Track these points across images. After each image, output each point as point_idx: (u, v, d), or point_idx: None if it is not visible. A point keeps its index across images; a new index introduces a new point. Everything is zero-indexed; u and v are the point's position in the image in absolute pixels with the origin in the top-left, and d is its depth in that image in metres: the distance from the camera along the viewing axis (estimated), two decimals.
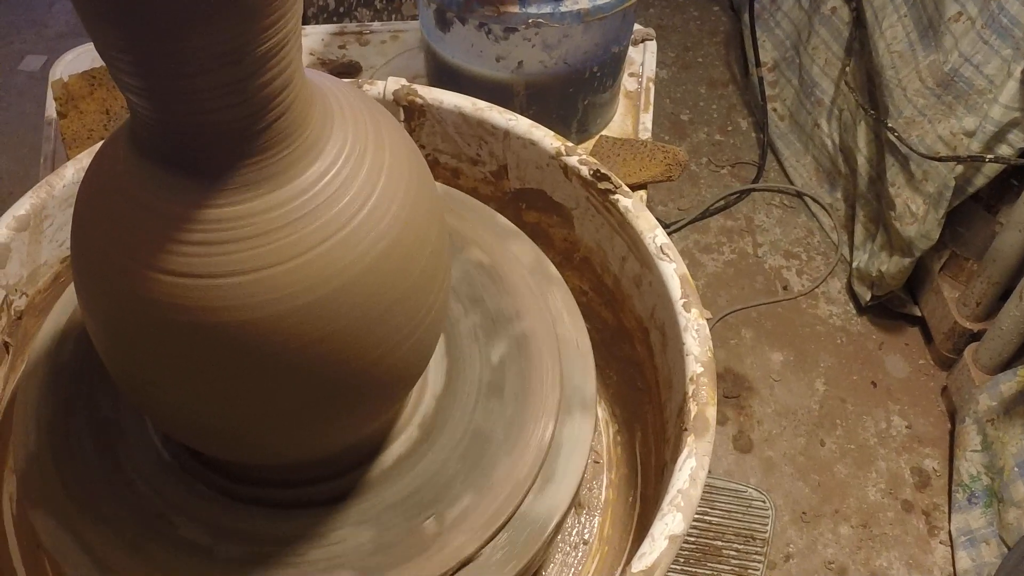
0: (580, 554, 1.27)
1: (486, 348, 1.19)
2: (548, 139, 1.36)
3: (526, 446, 1.11)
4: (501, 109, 1.39)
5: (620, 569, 1.23)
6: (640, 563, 0.97)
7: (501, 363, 1.18)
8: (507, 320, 1.21)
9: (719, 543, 2.27)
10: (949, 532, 2.50)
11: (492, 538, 1.06)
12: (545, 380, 1.17)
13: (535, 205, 1.44)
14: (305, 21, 2.49)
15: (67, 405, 1.11)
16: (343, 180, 0.83)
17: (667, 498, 1.02)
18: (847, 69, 3.08)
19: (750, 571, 2.24)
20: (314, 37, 2.02)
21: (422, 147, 1.45)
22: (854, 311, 3.02)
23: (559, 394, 1.16)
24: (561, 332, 1.24)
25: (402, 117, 1.43)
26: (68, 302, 1.20)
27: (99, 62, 1.63)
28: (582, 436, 1.17)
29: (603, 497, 1.32)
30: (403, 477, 1.09)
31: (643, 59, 1.98)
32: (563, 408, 1.18)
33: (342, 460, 1.08)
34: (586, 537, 1.28)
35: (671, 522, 1.00)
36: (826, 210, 3.23)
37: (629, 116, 1.89)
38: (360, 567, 1.01)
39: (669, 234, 2.89)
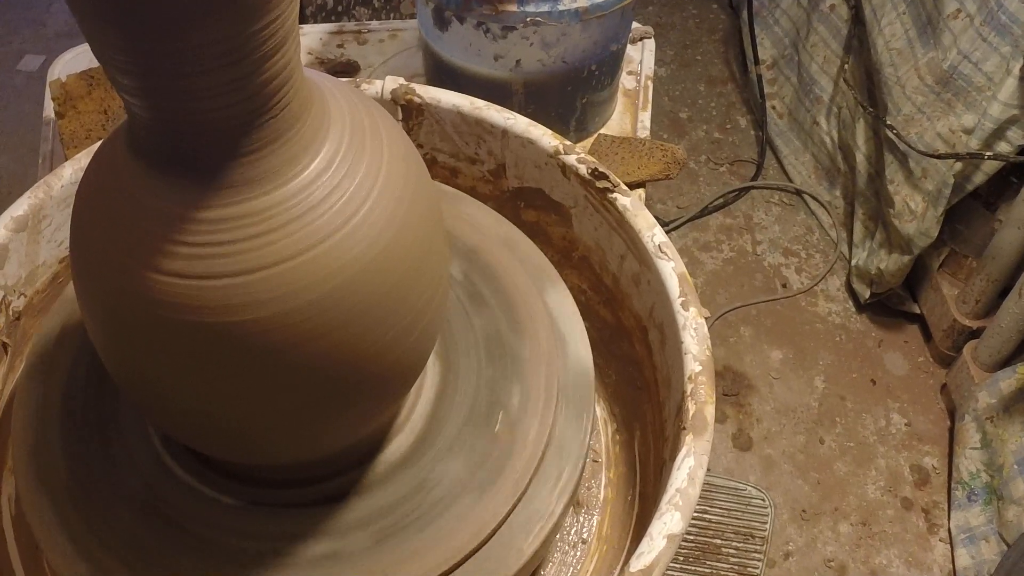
0: (579, 553, 1.27)
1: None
2: (546, 138, 1.36)
3: (534, 325, 1.20)
4: (499, 108, 1.39)
5: (619, 568, 1.23)
6: (638, 562, 0.97)
7: (466, 276, 1.25)
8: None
9: (718, 541, 2.27)
10: (948, 530, 2.50)
11: (556, 409, 1.14)
12: (511, 273, 1.26)
13: (533, 204, 1.43)
14: (303, 20, 2.49)
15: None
16: (342, 177, 0.83)
17: (665, 497, 1.02)
18: (846, 67, 3.08)
19: (749, 569, 2.24)
20: (312, 36, 2.02)
21: (420, 146, 1.45)
22: (853, 309, 3.02)
23: (528, 278, 1.25)
24: (493, 234, 1.32)
25: (400, 116, 1.43)
26: (67, 302, 1.20)
27: (97, 62, 1.63)
28: (565, 301, 1.27)
29: (602, 496, 1.32)
30: (455, 401, 1.14)
31: (641, 57, 1.98)
32: (538, 286, 1.26)
33: (351, 453, 1.08)
34: (584, 536, 1.28)
35: (669, 521, 1.00)
36: (825, 208, 3.23)
37: (627, 114, 1.89)
38: (472, 490, 1.07)
39: (668, 232, 2.90)
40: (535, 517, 1.08)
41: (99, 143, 0.91)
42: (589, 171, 1.31)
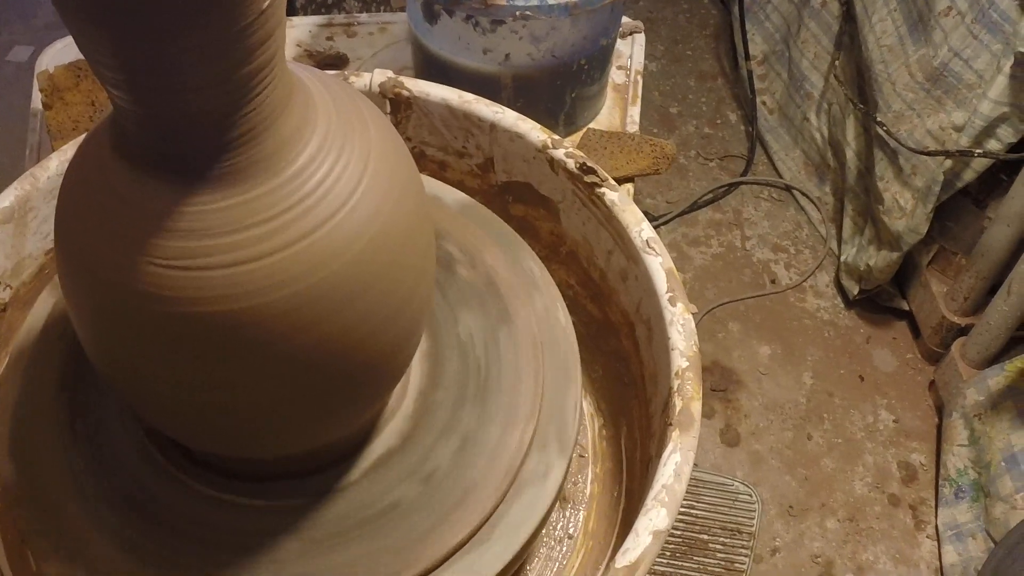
0: (565, 548, 1.27)
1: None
2: (535, 132, 1.35)
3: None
4: (488, 102, 1.39)
5: (604, 564, 1.22)
6: (624, 559, 0.97)
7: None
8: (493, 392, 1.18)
9: (705, 536, 2.27)
10: (936, 526, 2.50)
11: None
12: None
13: (521, 198, 1.43)
14: (293, 12, 2.49)
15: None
16: (328, 169, 0.83)
17: (651, 493, 1.02)
18: (836, 63, 3.08)
19: (736, 565, 2.24)
20: (302, 28, 2.02)
21: (408, 140, 1.45)
22: (842, 305, 3.02)
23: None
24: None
25: (388, 109, 1.42)
26: (53, 294, 1.20)
27: None
28: (530, 513, 1.11)
29: (588, 491, 1.32)
30: (359, 490, 1.09)
31: (631, 52, 1.98)
32: (516, 489, 1.12)
33: (339, 447, 1.08)
34: (571, 531, 1.28)
35: (655, 517, 1.00)
36: (815, 204, 3.23)
37: (617, 109, 1.89)
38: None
39: (657, 227, 2.90)
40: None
41: (85, 135, 0.90)
42: (577, 165, 1.31)
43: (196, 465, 1.07)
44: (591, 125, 1.84)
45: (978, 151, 2.38)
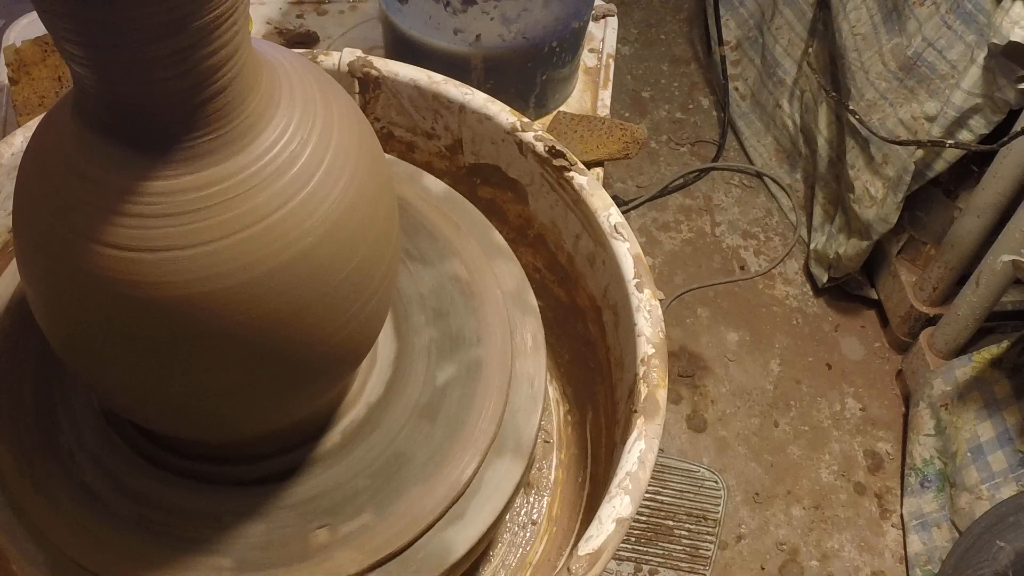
0: (528, 534, 1.26)
1: (434, 368, 1.15)
2: (504, 114, 1.35)
3: (443, 479, 1.08)
4: (457, 83, 1.38)
5: (568, 551, 1.22)
6: (587, 546, 0.97)
7: (445, 386, 1.14)
8: (465, 343, 1.17)
9: (671, 523, 2.28)
10: (901, 515, 2.51)
11: (379, 564, 1.03)
12: (484, 415, 1.12)
13: (490, 180, 1.42)
14: None
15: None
16: (291, 152, 0.82)
17: (615, 480, 1.02)
18: (810, 50, 3.08)
19: (701, 551, 2.25)
20: (272, 6, 2.00)
21: (377, 120, 1.44)
22: (811, 292, 3.02)
23: (494, 432, 1.12)
24: (519, 367, 1.19)
25: (357, 89, 1.41)
26: (15, 273, 1.18)
27: None
28: (506, 481, 1.11)
29: (552, 477, 1.32)
30: (312, 478, 1.07)
31: (604, 35, 1.97)
32: (494, 448, 1.12)
33: (288, 437, 1.06)
34: (535, 517, 1.28)
35: (619, 505, 1.00)
36: (785, 191, 3.23)
37: (588, 92, 1.89)
38: (239, 558, 1.00)
39: (627, 212, 2.90)
40: (430, 555, 1.05)
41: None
42: (546, 149, 1.30)
43: (158, 447, 1.06)
44: (562, 108, 1.84)
45: (950, 141, 2.37)
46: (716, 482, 2.35)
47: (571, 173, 1.29)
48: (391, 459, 1.08)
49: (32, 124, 1.31)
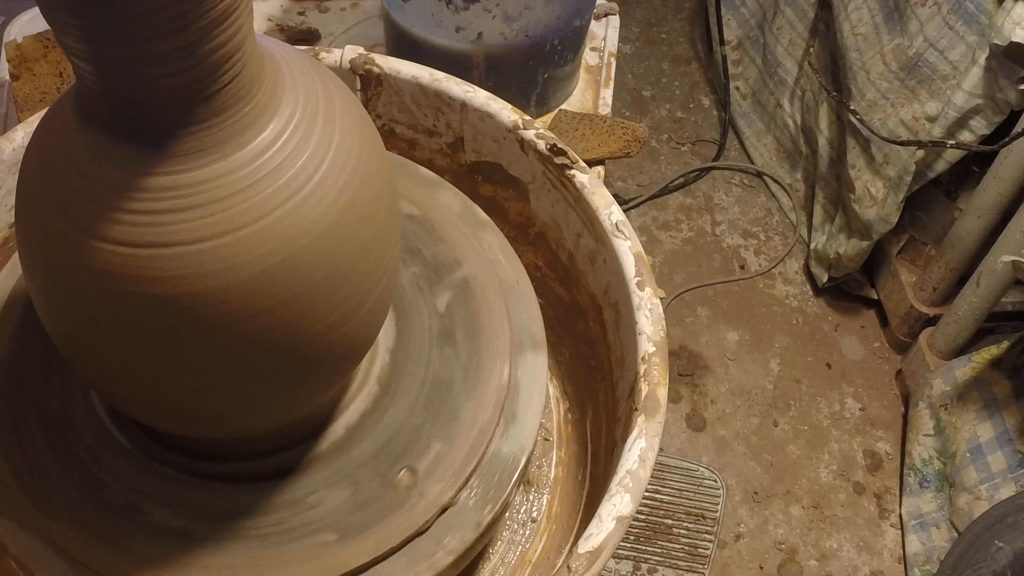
0: (528, 532, 1.26)
1: (431, 297, 1.19)
2: (505, 112, 1.34)
3: (487, 388, 1.13)
4: (459, 80, 1.38)
5: (568, 548, 1.22)
6: (587, 544, 0.97)
7: (448, 310, 1.18)
8: (447, 267, 1.21)
9: (669, 521, 2.28)
10: (900, 515, 2.51)
11: (466, 483, 1.07)
12: (494, 322, 1.18)
13: (491, 178, 1.42)
14: None
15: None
16: (293, 147, 0.82)
17: (616, 479, 1.02)
18: (811, 50, 3.08)
19: (700, 550, 2.24)
20: (273, 3, 2.00)
21: (378, 117, 1.44)
22: (811, 292, 3.02)
23: (509, 335, 1.17)
24: (501, 274, 1.24)
25: (359, 86, 1.41)
26: (15, 269, 1.18)
27: None
28: (538, 374, 1.18)
29: (552, 475, 1.32)
30: (371, 433, 1.09)
31: (605, 34, 1.97)
32: (516, 348, 1.18)
33: (302, 427, 1.07)
34: (534, 515, 1.27)
35: (619, 503, 0.99)
36: (786, 190, 3.23)
37: (589, 91, 1.89)
38: (341, 527, 1.02)
39: (627, 210, 2.90)
40: (505, 460, 1.09)
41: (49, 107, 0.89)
42: (548, 147, 1.30)
43: (156, 442, 1.06)
44: (563, 106, 1.84)
45: (951, 142, 2.37)
46: (715, 481, 2.34)
47: (572, 171, 1.29)
48: (433, 387, 1.13)
49: (33, 120, 1.31)
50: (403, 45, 1.73)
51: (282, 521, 1.02)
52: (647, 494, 2.25)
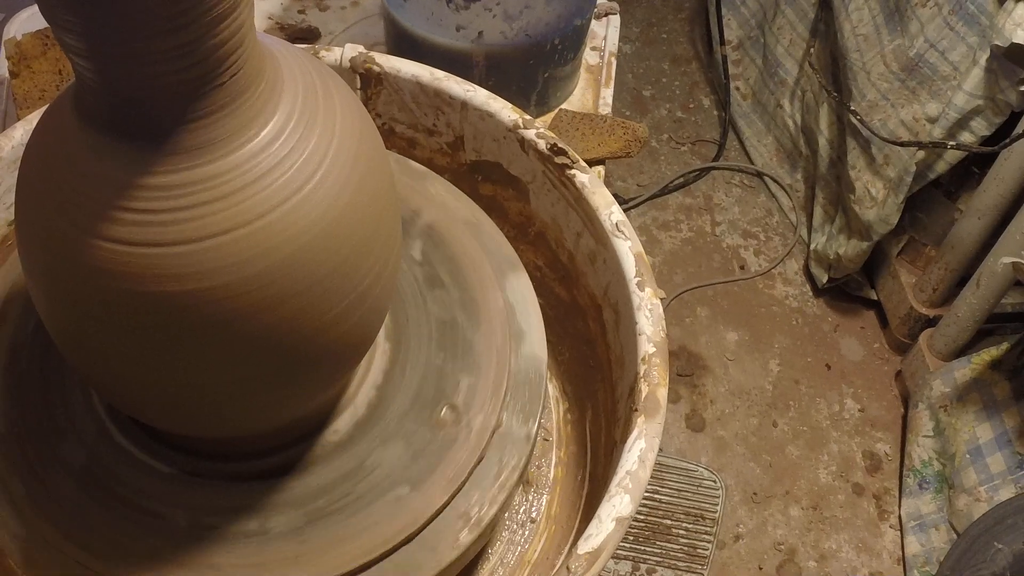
0: (527, 532, 1.26)
1: (405, 249, 1.21)
2: (506, 111, 1.34)
3: (489, 316, 1.18)
4: (459, 80, 1.38)
5: (567, 549, 1.22)
6: (586, 544, 0.97)
7: (425, 256, 1.22)
8: (408, 219, 1.24)
9: (668, 522, 2.27)
10: (899, 516, 2.51)
11: (503, 404, 1.12)
12: (471, 257, 1.23)
13: (491, 178, 1.42)
14: None
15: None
16: (294, 145, 0.82)
17: (615, 479, 1.01)
18: (811, 50, 3.08)
19: (699, 550, 2.24)
20: (273, 1, 2.00)
21: (378, 116, 1.44)
22: (810, 293, 3.02)
23: (488, 264, 1.23)
24: (458, 215, 1.28)
25: (359, 85, 1.41)
26: (14, 267, 1.18)
27: None
28: (525, 292, 1.24)
29: (552, 475, 1.31)
30: (400, 386, 1.12)
31: (606, 33, 1.97)
32: (498, 271, 1.24)
33: (309, 421, 1.07)
34: (534, 515, 1.27)
35: (619, 504, 0.99)
36: (786, 191, 3.23)
37: (590, 90, 1.88)
38: (409, 479, 1.05)
39: (627, 210, 2.90)
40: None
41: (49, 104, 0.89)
42: (548, 146, 1.30)
43: (154, 441, 1.05)
44: (563, 106, 1.83)
45: (951, 143, 2.37)
46: (714, 482, 2.34)
47: (572, 171, 1.29)
48: (440, 329, 1.17)
49: (33, 118, 1.31)
50: (403, 44, 1.72)
51: (348, 492, 1.04)
52: (646, 494, 2.25)
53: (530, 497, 1.29)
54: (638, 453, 1.03)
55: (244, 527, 1.00)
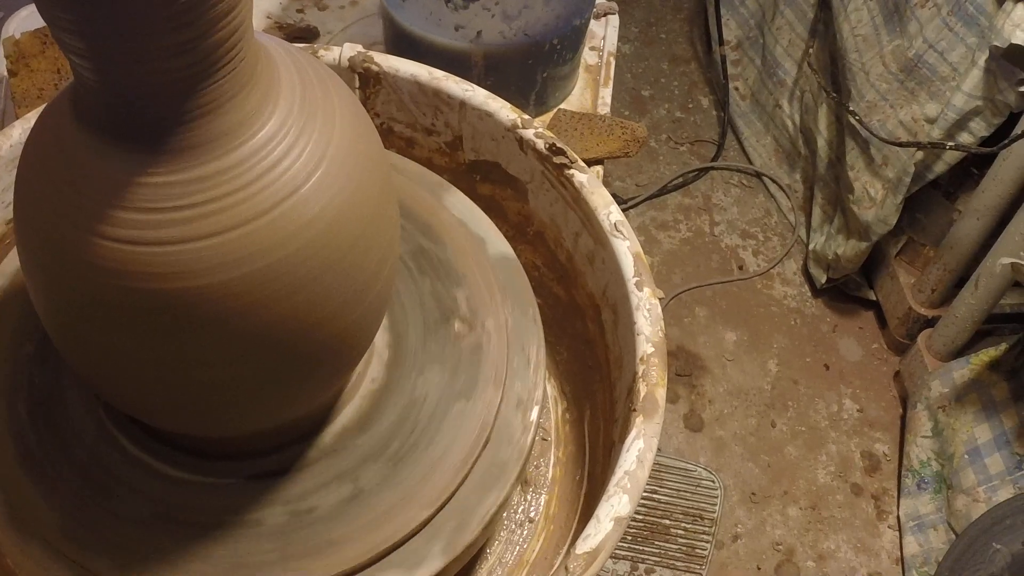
0: (525, 532, 1.26)
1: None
2: (504, 111, 1.34)
3: (449, 232, 1.24)
4: (458, 79, 1.38)
5: (565, 549, 1.22)
6: (585, 544, 0.97)
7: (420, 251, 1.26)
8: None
9: (667, 522, 2.28)
10: (897, 517, 2.51)
11: (503, 301, 1.19)
12: (408, 190, 1.27)
13: (489, 177, 1.42)
14: None
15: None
16: (292, 144, 0.82)
17: (614, 479, 1.01)
18: (810, 51, 3.08)
19: (698, 550, 2.24)
20: (272, 0, 2.00)
21: (377, 115, 1.44)
22: (809, 293, 3.02)
23: (424, 190, 1.29)
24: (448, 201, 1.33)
25: (357, 84, 1.41)
26: (12, 266, 1.18)
27: None
28: (466, 204, 1.31)
29: (550, 475, 1.31)
30: (406, 323, 1.16)
31: (605, 33, 1.97)
32: (436, 197, 1.31)
33: (299, 426, 1.07)
34: (532, 515, 1.27)
35: (617, 504, 0.99)
36: (784, 191, 3.23)
37: (589, 90, 1.88)
38: (458, 393, 1.11)
39: (626, 210, 2.90)
40: (522, 396, 1.15)
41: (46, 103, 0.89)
42: (547, 146, 1.30)
43: (156, 441, 1.05)
44: (562, 106, 1.83)
45: (950, 143, 2.37)
46: (713, 481, 2.34)
47: (571, 171, 1.29)
48: (416, 258, 1.21)
49: (31, 116, 1.31)
50: (402, 43, 1.72)
51: (413, 427, 1.09)
52: (645, 494, 2.25)
53: (528, 497, 1.29)
54: (636, 453, 1.03)
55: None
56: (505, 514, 1.26)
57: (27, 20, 1.82)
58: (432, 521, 1.04)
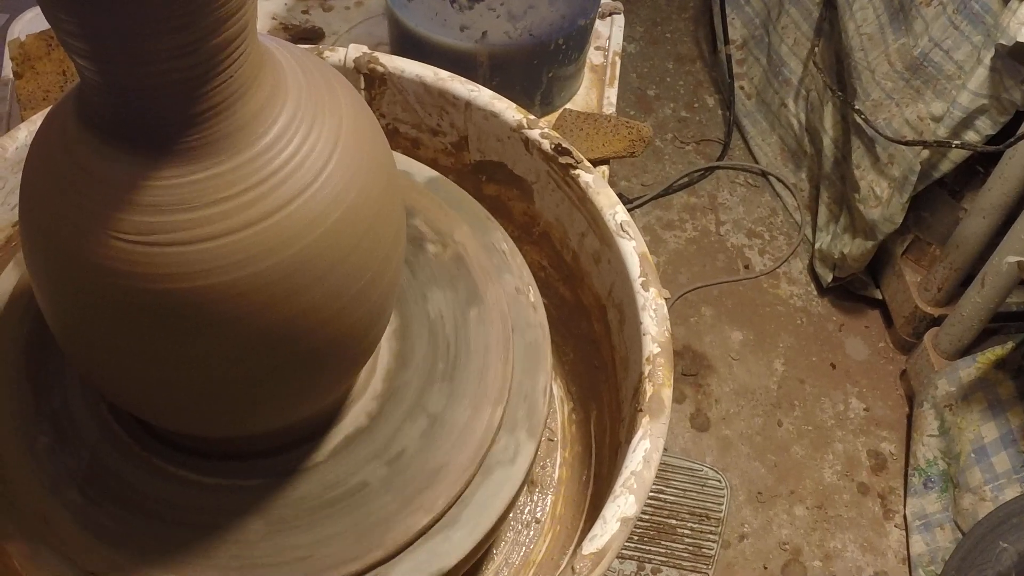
0: (532, 533, 1.26)
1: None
2: (510, 111, 1.34)
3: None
4: (463, 80, 1.38)
5: (572, 549, 1.22)
6: (591, 545, 0.97)
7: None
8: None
9: (674, 521, 2.27)
10: (904, 516, 2.51)
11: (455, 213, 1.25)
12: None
13: (495, 178, 1.42)
14: None
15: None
16: (299, 144, 0.82)
17: (620, 480, 1.01)
18: (816, 49, 3.08)
19: (704, 550, 2.24)
20: (277, 1, 2.00)
21: (382, 116, 1.44)
22: (815, 292, 3.02)
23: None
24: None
25: (363, 85, 1.41)
26: (18, 267, 1.18)
27: None
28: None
29: (556, 476, 1.31)
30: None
31: (610, 33, 1.96)
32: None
33: (306, 426, 1.07)
34: (538, 516, 1.27)
35: (623, 504, 0.99)
36: (790, 190, 3.23)
37: (594, 90, 1.88)
38: (461, 303, 1.16)
39: (631, 210, 2.90)
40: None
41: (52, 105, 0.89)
42: (552, 146, 1.30)
43: (160, 443, 1.05)
44: (568, 106, 1.83)
45: (956, 142, 2.37)
46: (719, 481, 2.34)
47: (577, 171, 1.28)
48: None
49: (36, 119, 1.31)
50: (407, 44, 1.72)
51: (448, 345, 1.14)
52: (651, 494, 2.25)
53: (535, 497, 1.29)
54: (643, 453, 1.03)
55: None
56: (511, 515, 1.26)
57: (32, 22, 1.83)
58: (506, 411, 1.11)
